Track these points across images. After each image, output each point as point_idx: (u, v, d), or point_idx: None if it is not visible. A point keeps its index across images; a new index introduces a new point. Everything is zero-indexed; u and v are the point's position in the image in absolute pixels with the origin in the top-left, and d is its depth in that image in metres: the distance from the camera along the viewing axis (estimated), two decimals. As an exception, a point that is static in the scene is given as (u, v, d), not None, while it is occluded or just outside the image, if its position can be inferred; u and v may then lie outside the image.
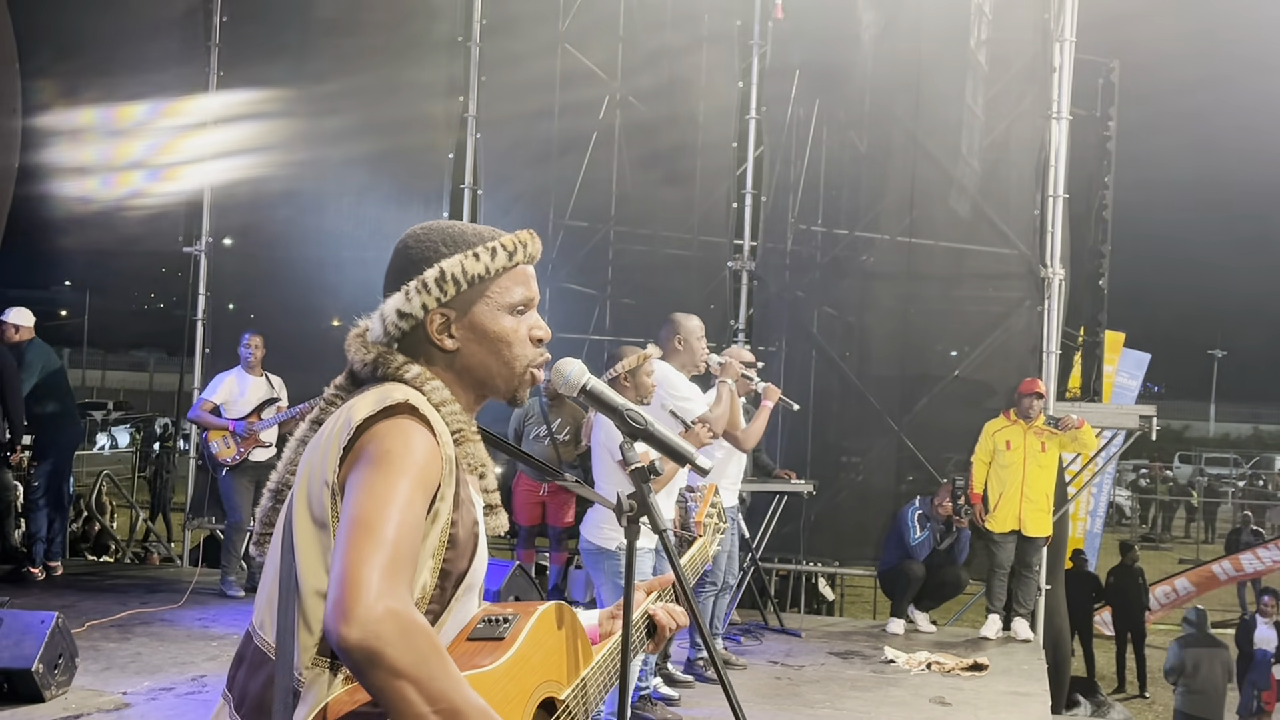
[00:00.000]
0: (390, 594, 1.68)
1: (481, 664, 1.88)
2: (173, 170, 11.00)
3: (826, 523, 10.07)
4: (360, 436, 1.83)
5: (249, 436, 9.05)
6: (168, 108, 10.94)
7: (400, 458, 1.80)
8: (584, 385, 2.21)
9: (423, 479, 1.81)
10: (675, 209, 10.56)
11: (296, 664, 1.81)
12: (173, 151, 10.99)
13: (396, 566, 1.71)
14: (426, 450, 1.84)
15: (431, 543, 1.86)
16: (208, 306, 11.00)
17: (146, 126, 10.96)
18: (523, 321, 2.04)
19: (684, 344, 6.14)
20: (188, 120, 10.91)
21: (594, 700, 2.15)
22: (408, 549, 1.75)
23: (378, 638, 1.64)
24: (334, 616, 1.66)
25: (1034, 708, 7.08)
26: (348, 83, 10.64)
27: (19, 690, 6.04)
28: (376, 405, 1.85)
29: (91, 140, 11.08)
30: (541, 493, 8.84)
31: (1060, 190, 9.66)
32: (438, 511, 1.86)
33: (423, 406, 1.88)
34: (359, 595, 1.66)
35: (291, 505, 1.91)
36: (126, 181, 11.02)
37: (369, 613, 1.64)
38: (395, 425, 1.84)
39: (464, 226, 2.05)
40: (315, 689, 1.80)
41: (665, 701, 6.65)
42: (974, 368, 9.80)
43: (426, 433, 1.85)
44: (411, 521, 1.77)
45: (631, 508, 2.17)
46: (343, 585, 1.67)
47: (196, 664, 7.09)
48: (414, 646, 1.66)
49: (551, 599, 2.70)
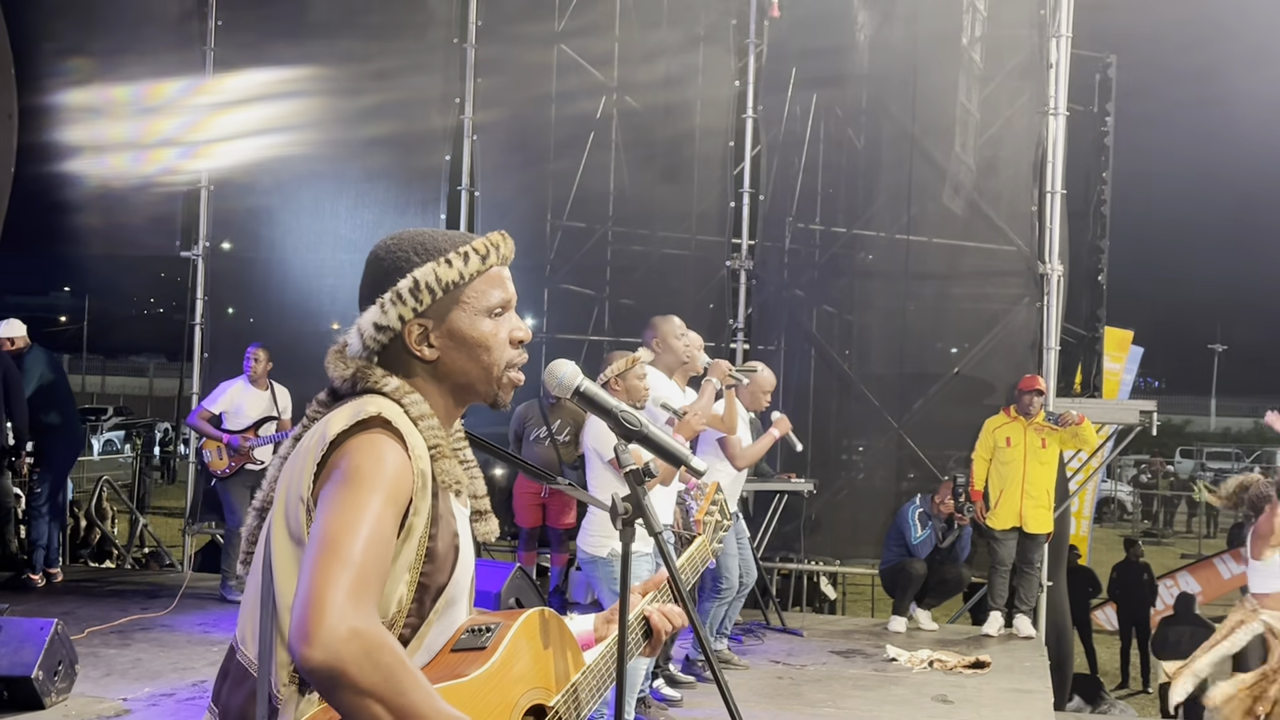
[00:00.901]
0: (354, 614, 1.67)
1: (462, 674, 1.87)
2: (168, 161, 10.98)
3: (827, 521, 10.06)
4: (334, 452, 1.83)
5: (242, 453, 9.03)
6: (161, 93, 10.93)
7: (370, 474, 1.79)
8: (577, 387, 2.21)
9: (393, 495, 1.80)
10: (673, 208, 10.55)
11: (274, 680, 1.81)
12: (167, 150, 10.99)
13: (362, 585, 1.70)
14: (398, 465, 1.82)
15: (407, 557, 1.85)
16: (206, 311, 10.99)
17: (141, 117, 10.97)
18: (502, 324, 2.03)
19: (663, 345, 6.15)
20: (185, 106, 10.91)
21: (585, 705, 2.14)
22: (374, 567, 1.74)
23: (339, 658, 1.63)
24: (298, 637, 1.65)
25: (1036, 705, 7.07)
26: (343, 84, 10.64)
27: (19, 698, 6.04)
28: (350, 420, 1.84)
29: (93, 125, 11.08)
30: (543, 494, 8.83)
31: (1058, 186, 9.65)
32: (411, 526, 1.85)
33: (397, 420, 1.87)
34: (322, 616, 1.65)
35: (270, 521, 1.90)
36: (118, 165, 10.99)
37: (332, 634, 1.64)
38: (367, 440, 1.83)
39: (435, 233, 2.03)
40: (291, 706, 1.80)
41: (667, 703, 6.65)
42: (973, 365, 9.80)
43: (398, 447, 1.84)
44: (379, 539, 1.76)
45: (627, 510, 2.16)
46: (307, 606, 1.67)
47: (197, 669, 7.08)
48: (378, 665, 1.65)
49: (553, 601, 2.68)
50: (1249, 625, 6.60)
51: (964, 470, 9.38)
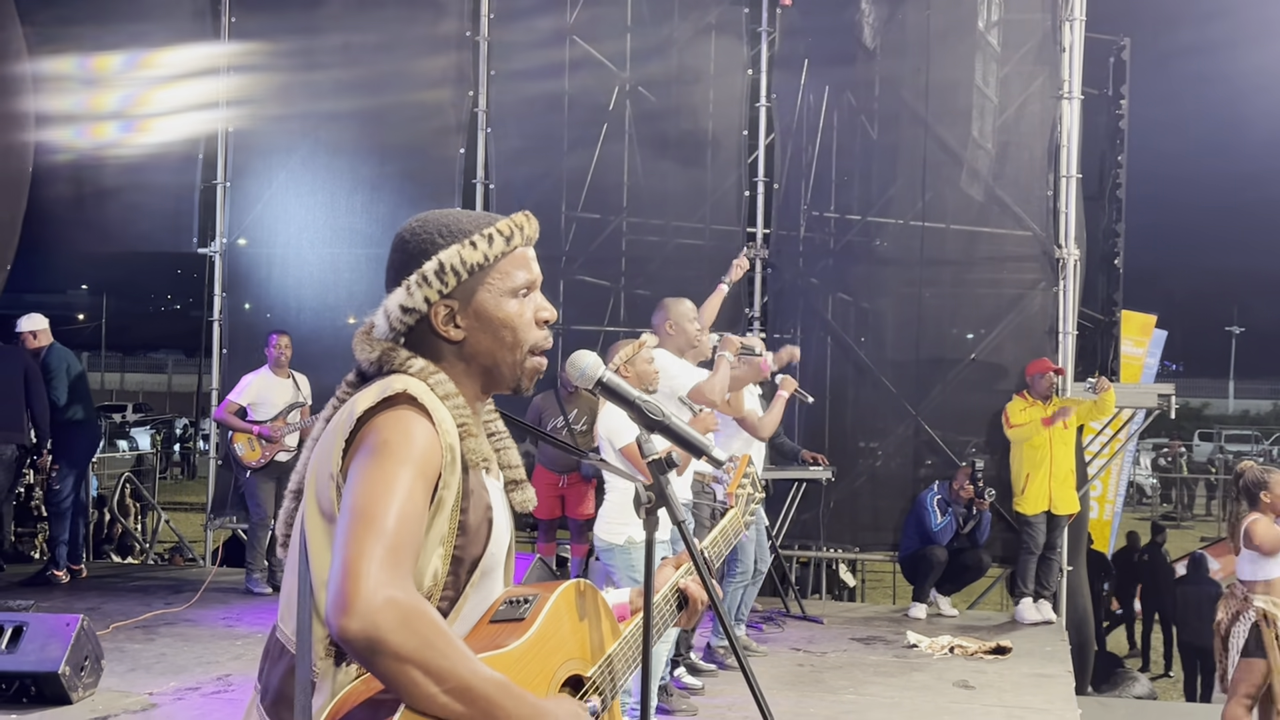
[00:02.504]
0: (389, 583, 1.69)
1: (503, 645, 1.90)
2: (180, 157, 11.03)
3: (846, 509, 10.06)
4: (361, 428, 1.85)
5: (275, 440, 9.11)
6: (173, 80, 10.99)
7: (399, 447, 1.81)
8: (600, 378, 2.22)
9: (423, 468, 1.83)
10: (687, 198, 10.55)
11: (312, 656, 1.84)
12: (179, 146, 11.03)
13: (396, 555, 1.73)
14: (426, 439, 1.85)
15: (439, 531, 1.87)
16: (224, 307, 11.04)
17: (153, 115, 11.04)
18: (527, 304, 2.05)
19: (675, 328, 6.17)
20: (197, 115, 10.96)
21: (621, 676, 2.16)
22: (408, 538, 1.76)
23: (376, 627, 1.66)
24: (334, 608, 1.68)
25: (1058, 689, 7.08)
26: (357, 78, 10.67)
27: (46, 693, 6.09)
28: (377, 397, 1.87)
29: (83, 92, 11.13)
30: (561, 485, 8.86)
31: (1073, 170, 9.63)
32: (441, 499, 1.87)
33: (423, 396, 1.89)
34: (358, 586, 1.67)
35: (303, 501, 1.93)
36: (132, 160, 11.04)
37: (368, 603, 1.66)
38: (395, 416, 1.85)
39: (460, 214, 2.05)
40: (329, 679, 1.83)
41: (689, 691, 6.68)
42: (990, 350, 9.78)
43: (426, 422, 1.86)
44: (411, 510, 1.78)
45: (650, 499, 2.17)
46: (342, 577, 1.69)
47: (222, 663, 7.13)
48: (415, 631, 1.68)
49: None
50: (1245, 615, 6.59)
51: (982, 456, 9.38)
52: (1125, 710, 10.24)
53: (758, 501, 2.87)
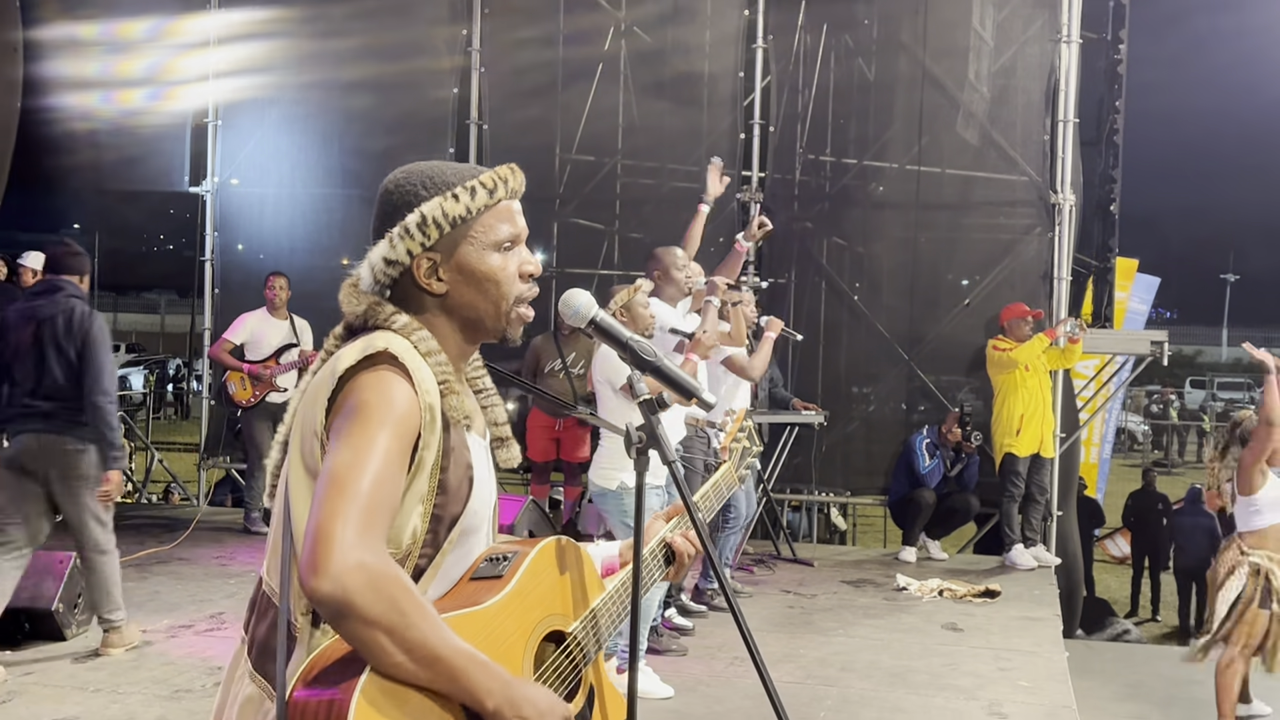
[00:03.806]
0: (361, 546, 1.70)
1: (480, 602, 1.90)
2: (174, 93, 10.95)
3: (837, 453, 10.10)
4: (343, 388, 1.86)
5: (265, 381, 9.09)
6: (168, 27, 10.89)
7: (377, 409, 1.82)
8: (593, 318, 2.21)
9: (401, 430, 1.83)
10: (682, 140, 10.49)
11: (293, 611, 1.85)
12: (175, 74, 10.95)
13: (369, 519, 1.73)
14: (405, 401, 1.85)
15: (419, 490, 1.88)
16: (216, 247, 11.00)
17: (148, 46, 10.94)
18: (510, 258, 2.03)
19: (664, 276, 6.18)
20: (189, 40, 10.87)
21: (606, 631, 2.17)
22: (382, 501, 1.77)
23: (345, 590, 1.66)
24: (306, 569, 1.69)
25: (1045, 632, 7.13)
26: (350, 16, 10.58)
27: (40, 630, 6.13)
28: (358, 356, 1.87)
29: (93, 57, 11.02)
30: (556, 427, 8.87)
31: (1070, 115, 9.57)
32: (421, 459, 1.87)
33: (404, 355, 1.88)
34: (329, 549, 1.68)
35: (288, 455, 1.93)
36: (127, 100, 10.96)
37: (339, 565, 1.67)
38: (374, 377, 1.85)
39: (445, 166, 2.03)
40: (306, 638, 1.85)
41: (680, 632, 6.72)
42: (984, 296, 9.76)
43: (405, 383, 1.86)
44: (387, 474, 1.79)
45: (641, 439, 2.17)
46: (314, 539, 1.70)
47: (215, 601, 7.17)
48: (385, 596, 1.69)
49: (565, 534, 2.71)
50: (1240, 570, 6.65)
51: (971, 400, 9.39)
52: (1113, 654, 10.34)
53: (754, 455, 2.87)
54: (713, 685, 5.87)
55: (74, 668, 5.81)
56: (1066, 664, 6.51)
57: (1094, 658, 9.43)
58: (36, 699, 5.34)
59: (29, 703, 5.28)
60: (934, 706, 5.67)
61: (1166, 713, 7.83)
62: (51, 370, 5.76)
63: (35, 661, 5.89)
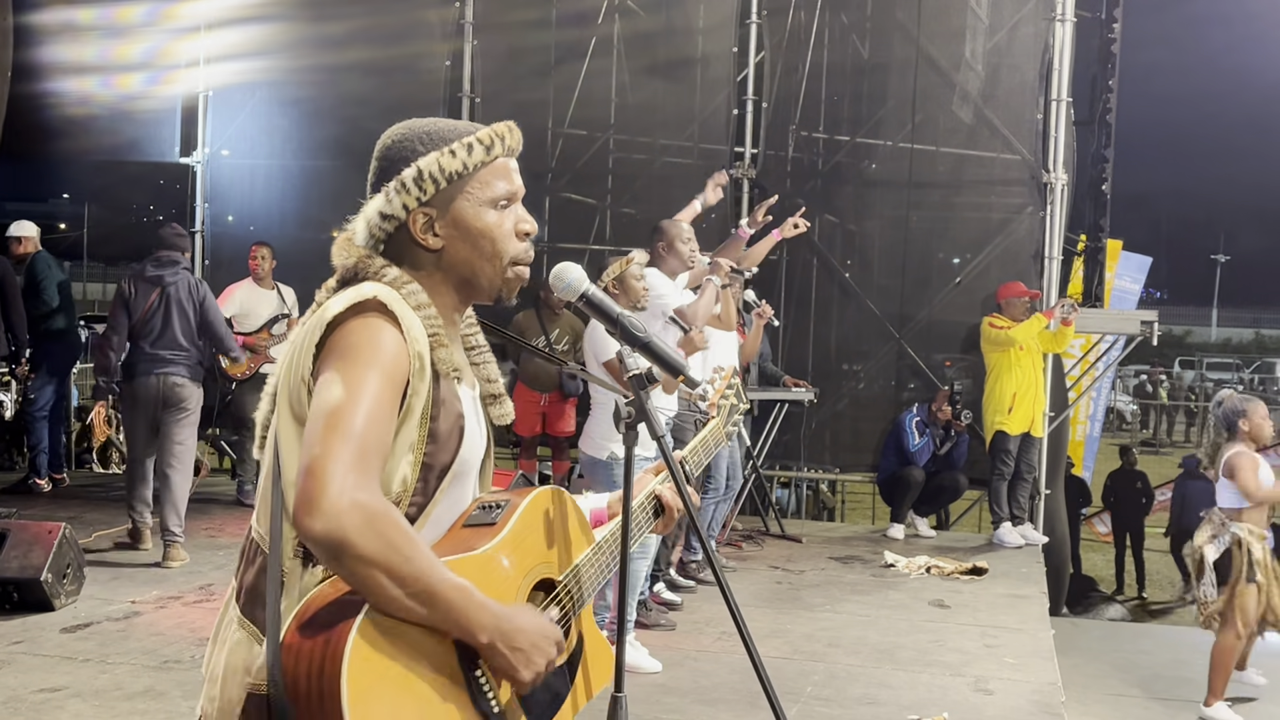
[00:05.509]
0: (356, 485, 1.71)
1: (473, 547, 1.92)
2: (170, 75, 10.90)
3: (827, 430, 10.12)
4: (332, 334, 1.86)
5: (258, 354, 9.06)
6: (166, 9, 10.82)
7: (367, 351, 1.82)
8: (584, 292, 2.21)
9: (391, 373, 1.83)
10: (675, 117, 10.46)
11: (282, 555, 1.86)
12: (169, 55, 10.88)
13: (363, 458, 1.74)
14: (394, 346, 1.85)
15: (408, 437, 1.89)
16: (206, 218, 10.96)
17: (144, 28, 10.86)
18: (507, 215, 2.03)
19: (669, 249, 6.19)
20: (184, 23, 10.79)
21: (591, 581, 2.18)
22: (375, 440, 1.78)
23: (341, 528, 1.68)
24: (300, 509, 1.70)
25: (1032, 610, 7.17)
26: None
27: (28, 600, 6.12)
28: (347, 303, 1.87)
29: (89, 39, 10.95)
30: (542, 403, 8.88)
31: (1064, 94, 9.56)
32: (410, 406, 1.88)
33: (393, 304, 1.89)
34: (324, 488, 1.69)
35: (276, 403, 1.94)
36: (124, 84, 10.90)
37: (333, 505, 1.68)
38: (363, 322, 1.86)
39: (443, 123, 2.04)
40: (297, 579, 1.86)
41: (668, 606, 6.75)
42: (975, 275, 9.77)
43: (394, 329, 1.87)
44: (379, 414, 1.80)
45: (630, 414, 2.18)
46: (308, 478, 1.71)
47: (204, 572, 7.17)
48: (380, 534, 1.70)
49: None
50: (1219, 539, 6.67)
51: (964, 380, 9.40)
52: (1099, 631, 10.39)
53: (741, 413, 2.88)
54: (700, 660, 5.90)
55: (62, 638, 5.82)
56: (1052, 641, 6.55)
57: (1080, 635, 9.47)
58: (25, 669, 5.34)
59: (17, 672, 5.29)
60: (920, 682, 5.70)
61: (1151, 689, 7.88)
62: (172, 326, 7.37)
63: (24, 631, 5.89)
